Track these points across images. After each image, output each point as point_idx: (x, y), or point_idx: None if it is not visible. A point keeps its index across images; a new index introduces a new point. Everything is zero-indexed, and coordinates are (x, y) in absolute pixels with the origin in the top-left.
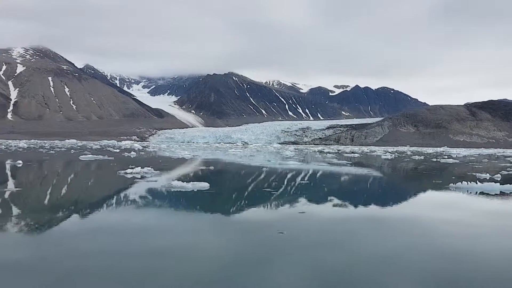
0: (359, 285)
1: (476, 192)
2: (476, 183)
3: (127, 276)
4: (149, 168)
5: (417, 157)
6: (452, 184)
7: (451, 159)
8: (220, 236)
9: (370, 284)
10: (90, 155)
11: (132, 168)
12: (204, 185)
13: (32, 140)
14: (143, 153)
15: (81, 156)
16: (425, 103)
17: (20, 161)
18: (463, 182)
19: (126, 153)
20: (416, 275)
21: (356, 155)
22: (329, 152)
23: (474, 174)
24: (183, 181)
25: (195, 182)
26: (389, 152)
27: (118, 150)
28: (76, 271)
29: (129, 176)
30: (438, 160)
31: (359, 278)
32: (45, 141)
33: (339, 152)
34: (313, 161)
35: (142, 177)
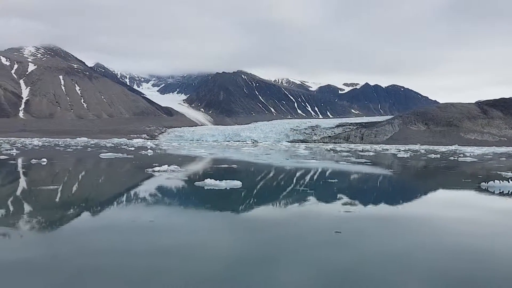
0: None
1: (509, 191)
2: (509, 182)
3: (158, 272)
4: (175, 166)
5: (433, 156)
6: (483, 183)
7: (469, 158)
8: (264, 234)
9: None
10: (110, 153)
11: (160, 166)
12: (237, 184)
13: (44, 138)
14: (158, 151)
15: (101, 154)
16: (435, 101)
17: (45, 159)
18: (495, 181)
19: (143, 151)
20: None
21: (371, 153)
22: (342, 151)
23: (499, 172)
24: (215, 179)
25: (227, 181)
26: (403, 151)
27: (133, 148)
28: (109, 266)
29: (157, 174)
30: (456, 158)
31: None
32: (57, 139)
33: (352, 150)
34: (332, 160)
35: (171, 175)
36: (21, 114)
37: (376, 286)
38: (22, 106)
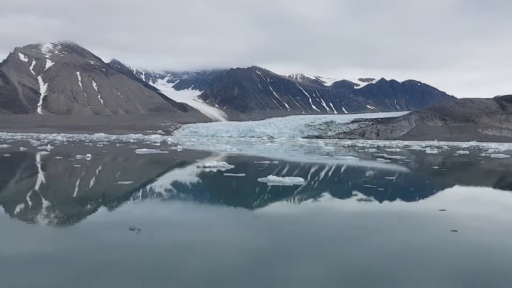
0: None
1: None
2: None
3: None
4: (223, 162)
5: (461, 152)
6: None
7: (501, 154)
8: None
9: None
10: (144, 149)
11: (209, 162)
12: (300, 180)
13: (62, 134)
14: (185, 147)
15: (136, 150)
16: (453, 96)
17: (89, 155)
18: None
19: (172, 147)
20: None
21: (397, 149)
22: (365, 147)
23: None
24: (277, 176)
25: (291, 177)
26: (428, 147)
27: (158, 144)
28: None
29: (208, 169)
30: (487, 155)
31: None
32: (76, 135)
33: (375, 146)
34: (365, 156)
35: (226, 171)
36: (39, 110)
37: None
38: (40, 102)
